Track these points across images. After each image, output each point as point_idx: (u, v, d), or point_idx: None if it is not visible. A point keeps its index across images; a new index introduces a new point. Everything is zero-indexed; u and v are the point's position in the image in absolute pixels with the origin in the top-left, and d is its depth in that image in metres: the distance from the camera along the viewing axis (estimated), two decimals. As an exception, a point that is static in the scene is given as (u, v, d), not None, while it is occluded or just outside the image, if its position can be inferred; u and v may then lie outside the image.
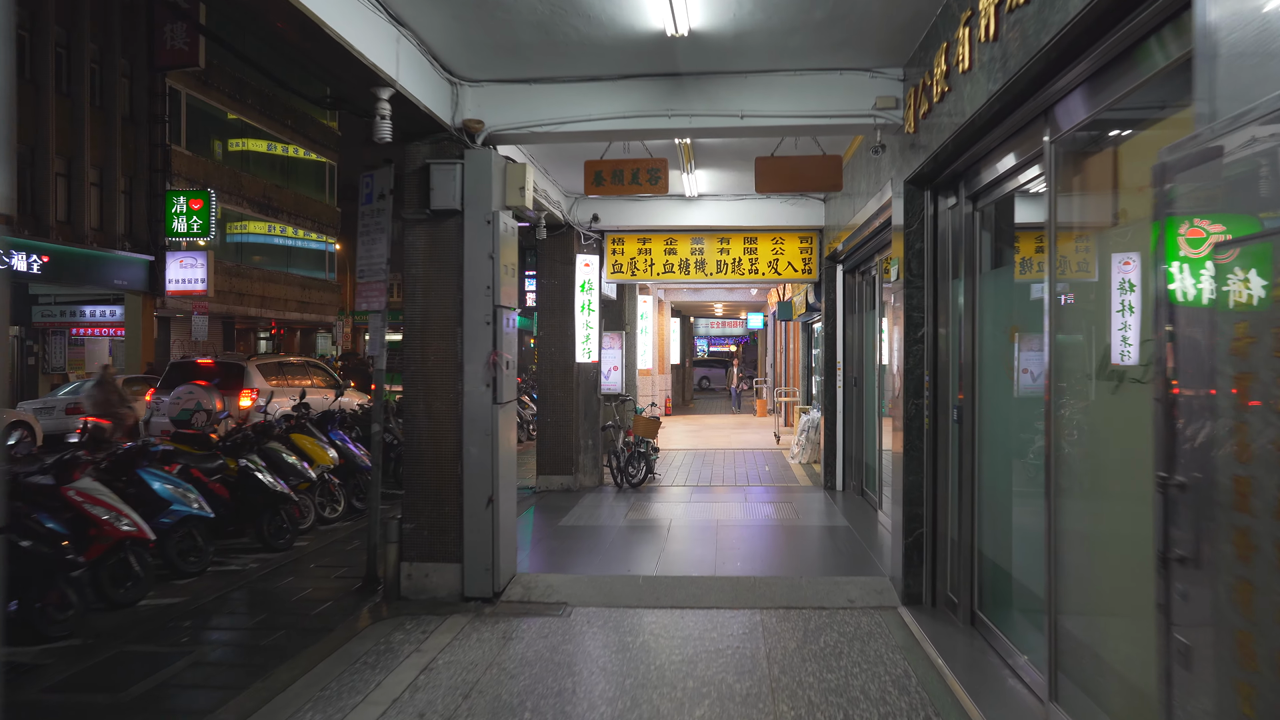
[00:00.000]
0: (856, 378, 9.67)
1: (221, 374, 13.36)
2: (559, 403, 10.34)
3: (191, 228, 22.70)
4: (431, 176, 5.87)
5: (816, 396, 14.14)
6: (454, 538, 5.92)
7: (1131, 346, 3.22)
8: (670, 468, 12.39)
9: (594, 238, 10.60)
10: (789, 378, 18.59)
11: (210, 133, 25.96)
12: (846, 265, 9.90)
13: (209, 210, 22.61)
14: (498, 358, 5.87)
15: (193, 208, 22.68)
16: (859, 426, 9.65)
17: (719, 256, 10.62)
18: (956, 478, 5.34)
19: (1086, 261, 3.78)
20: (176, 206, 22.64)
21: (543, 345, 10.45)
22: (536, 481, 10.41)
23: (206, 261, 22.95)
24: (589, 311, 10.42)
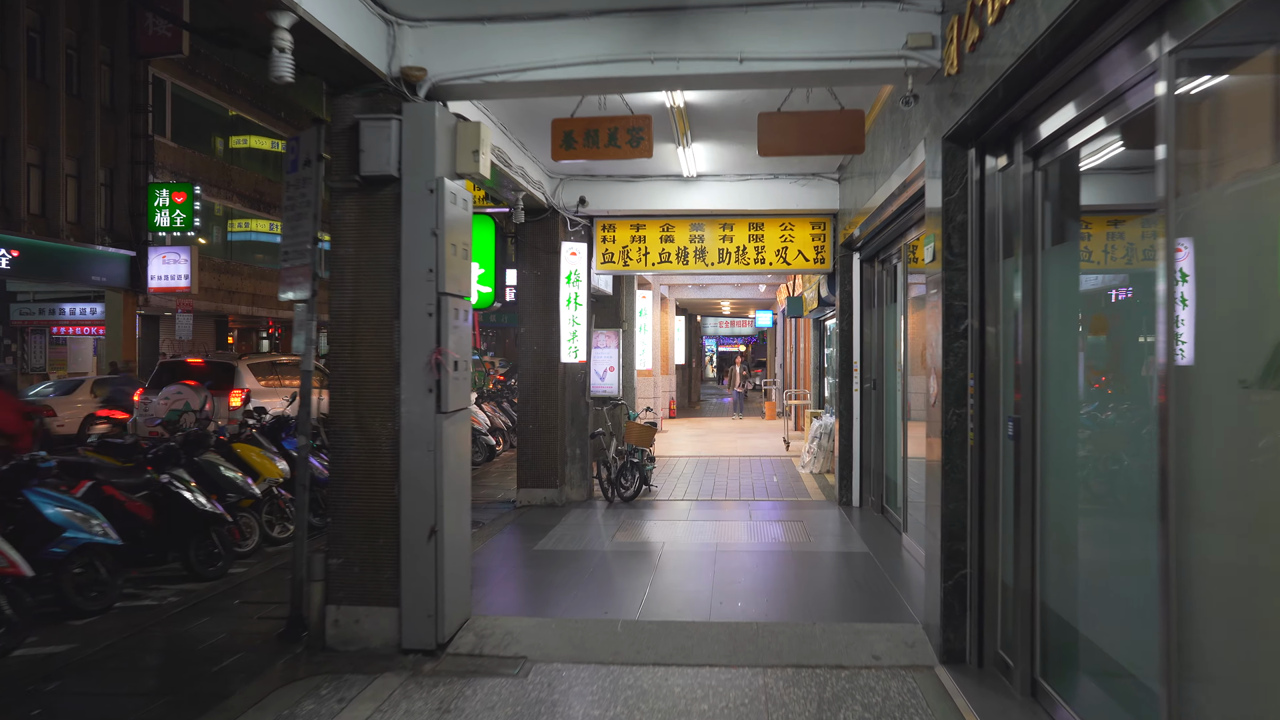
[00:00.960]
0: (875, 380, 8.56)
1: (212, 374, 13.00)
2: (542, 407, 9.27)
3: (174, 222, 21.76)
4: (361, 135, 4.81)
5: (829, 400, 13.03)
6: (390, 576, 4.85)
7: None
8: (670, 478, 11.30)
9: (581, 224, 9.53)
10: (799, 379, 17.47)
11: (197, 124, 25.00)
12: (864, 253, 8.79)
13: (193, 204, 21.67)
14: (441, 357, 4.80)
15: (176, 201, 21.74)
16: (878, 435, 8.54)
17: (721, 244, 9.53)
18: (1012, 507, 4.23)
19: (1229, 225, 2.67)
20: (158, 200, 21.70)
21: (524, 344, 9.38)
22: (517, 495, 9.35)
23: (190, 257, 22.00)
24: (576, 306, 9.35)
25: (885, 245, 8.06)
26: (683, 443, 15.96)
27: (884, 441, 8.41)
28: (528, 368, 9.34)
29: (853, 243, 8.84)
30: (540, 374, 9.29)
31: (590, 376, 13.62)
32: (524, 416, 9.34)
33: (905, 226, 7.01)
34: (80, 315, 22.57)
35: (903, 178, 5.75)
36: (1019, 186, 4.18)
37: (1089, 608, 3.71)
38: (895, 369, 7.95)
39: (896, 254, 7.84)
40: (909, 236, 7.09)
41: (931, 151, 4.82)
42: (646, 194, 9.24)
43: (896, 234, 7.43)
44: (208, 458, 7.27)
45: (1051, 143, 3.92)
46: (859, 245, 8.85)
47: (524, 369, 9.36)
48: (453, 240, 4.96)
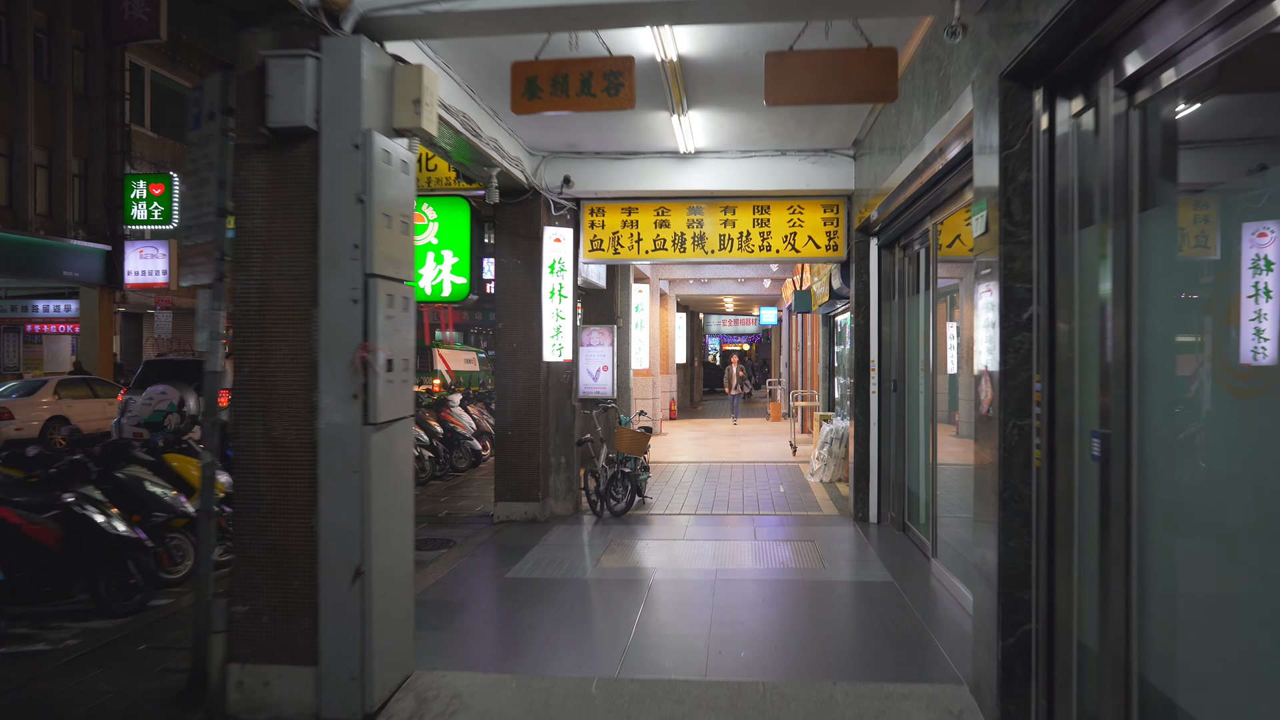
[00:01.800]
0: (896, 381, 7.58)
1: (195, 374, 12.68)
2: (522, 411, 8.30)
3: (152, 215, 20.78)
4: (269, 77, 3.85)
5: (839, 402, 12.05)
6: (306, 628, 3.89)
7: None
8: (667, 487, 10.33)
9: (567, 207, 8.56)
10: (806, 379, 16.48)
11: (180, 113, 24.05)
12: (883, 238, 7.81)
13: (172, 196, 20.72)
14: (368, 355, 3.84)
15: (154, 193, 20.76)
16: (899, 442, 7.56)
17: (722, 230, 8.55)
18: (1095, 548, 3.26)
19: None
20: (135, 191, 20.73)
21: (502, 340, 8.42)
22: (495, 509, 8.38)
23: (169, 252, 21.06)
24: (560, 298, 8.38)
25: (908, 228, 7.08)
26: (683, 446, 14.99)
27: (906, 450, 7.44)
28: (506, 367, 8.38)
29: (870, 227, 7.87)
30: (520, 374, 8.33)
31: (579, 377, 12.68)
32: (502, 422, 8.38)
33: (934, 204, 6.03)
34: (55, 313, 21.70)
35: (938, 139, 4.77)
36: (1107, 133, 3.20)
37: (1212, 689, 2.74)
38: (920, 369, 6.98)
39: (921, 238, 6.86)
40: (939, 216, 6.11)
41: (982, 96, 3.85)
42: (639, 173, 8.27)
43: (922, 214, 6.45)
44: (131, 471, 6.31)
45: (1155, 72, 2.94)
46: (877, 229, 7.87)
47: (502, 368, 8.40)
48: (386, 210, 4.00)
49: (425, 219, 8.42)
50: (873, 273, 8.00)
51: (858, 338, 8.06)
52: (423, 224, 8.41)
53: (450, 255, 8.34)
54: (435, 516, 8.98)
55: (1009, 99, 3.64)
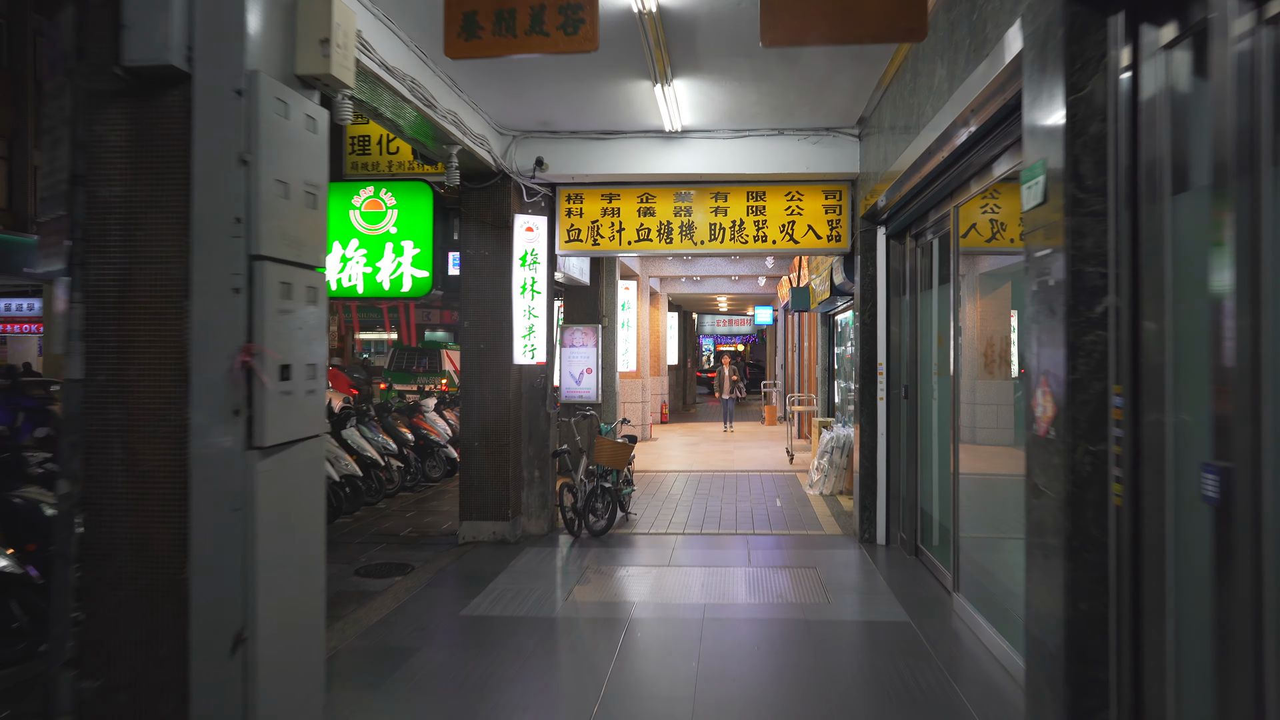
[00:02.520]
0: (907, 386, 6.75)
1: None
2: (490, 420, 7.46)
3: (120, 209, 19.87)
4: (123, 1, 3.00)
5: (840, 407, 11.24)
6: (174, 708, 3.04)
7: None
8: (654, 500, 9.49)
9: (540, 193, 7.72)
10: (803, 382, 15.67)
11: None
12: (892, 226, 6.98)
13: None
14: (253, 359, 2.99)
15: (121, 187, 19.85)
16: (911, 455, 6.74)
17: (713, 219, 7.71)
18: (1208, 620, 2.44)
19: None
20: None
21: (466, 340, 7.57)
22: (460, 529, 7.53)
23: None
24: (533, 294, 7.54)
25: (921, 214, 6.26)
26: (674, 453, 14.16)
27: (920, 464, 6.61)
28: (472, 370, 7.53)
29: (877, 214, 7.05)
30: (488, 378, 7.48)
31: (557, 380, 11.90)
32: (467, 431, 7.52)
33: (957, 183, 5.21)
34: (19, 311, 20.76)
35: (968, 99, 3.94)
36: (1222, 61, 2.37)
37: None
38: (935, 372, 6.16)
39: (937, 225, 6.05)
40: (960, 198, 5.29)
41: (1038, 30, 3.02)
42: (620, 155, 7.43)
43: (940, 196, 5.63)
44: (27, 493, 5.45)
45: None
46: (884, 217, 7.05)
47: (467, 372, 7.56)
48: (282, 175, 3.15)
49: (383, 206, 7.57)
50: (880, 265, 7.17)
51: (863, 338, 7.23)
52: (380, 211, 7.57)
53: (410, 246, 7.49)
54: (397, 536, 8.12)
55: (1076, 29, 2.81)
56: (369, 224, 7.58)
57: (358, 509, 9.35)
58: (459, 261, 7.68)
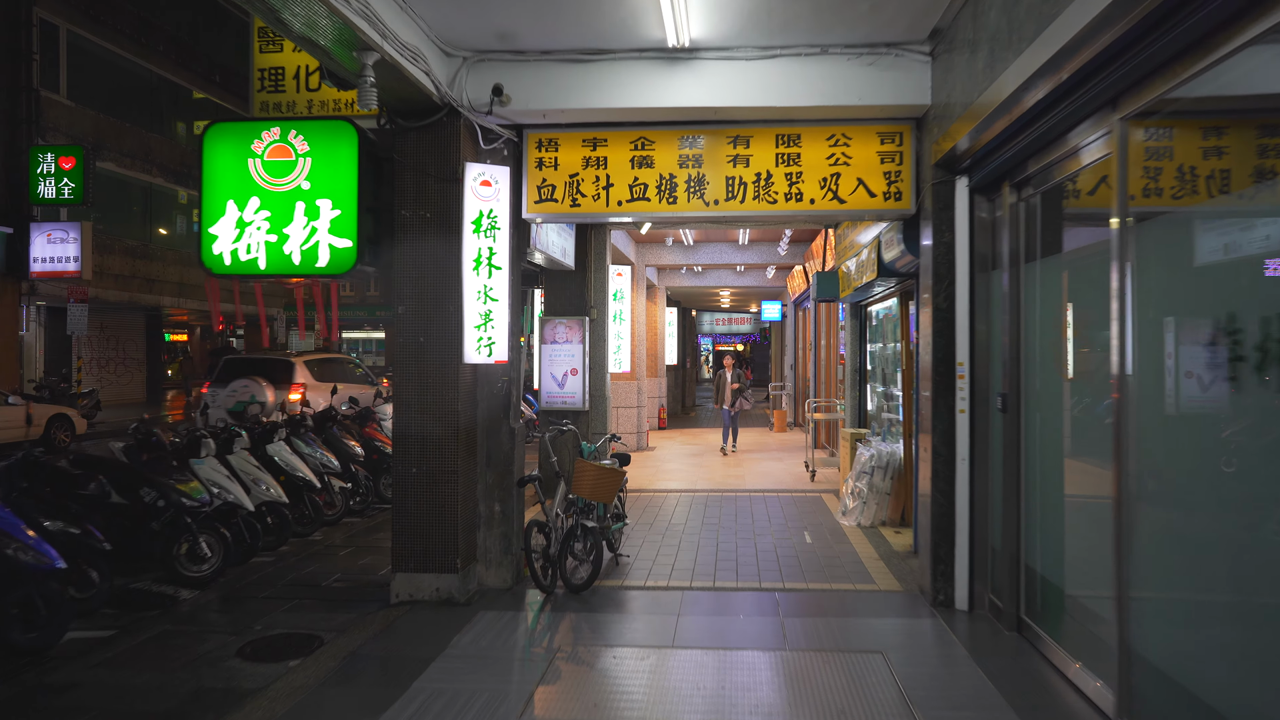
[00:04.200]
0: (1005, 395, 4.85)
1: (271, 369, 14.35)
2: (432, 438, 5.57)
3: (61, 193, 17.97)
4: None
5: (875, 416, 9.35)
6: None
7: None
8: (651, 531, 7.60)
9: (502, 136, 5.83)
10: (822, 385, 13.79)
11: (105, 81, 21.23)
12: (980, 176, 5.09)
13: (84, 171, 17.89)
14: None
15: (63, 167, 17.93)
16: (1011, 489, 4.84)
17: (731, 170, 5.82)
18: None
19: None
20: (42, 165, 17.91)
21: (401, 332, 5.68)
22: (393, 585, 5.63)
23: (81, 235, 18.24)
24: (490, 269, 5.64)
25: (1036, 150, 4.38)
26: (674, 466, 12.26)
27: (1027, 503, 4.73)
28: (408, 372, 5.64)
29: (955, 161, 5.17)
30: (429, 383, 5.59)
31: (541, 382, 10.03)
32: (402, 453, 5.62)
33: (1125, 84, 3.33)
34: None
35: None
36: None
37: None
38: (1060, 376, 4.29)
39: (1063, 163, 4.18)
40: (1129, 105, 3.40)
41: None
42: (608, 83, 5.55)
43: (1080, 115, 3.76)
44: None
45: None
46: (967, 164, 5.17)
47: (402, 374, 5.66)
48: None
49: (293, 153, 5.67)
50: (960, 230, 5.28)
51: (936, 329, 5.34)
52: (289, 160, 5.67)
53: (328, 207, 5.59)
54: (318, 586, 6.23)
55: None
56: (274, 177, 5.68)
57: (284, 543, 7.46)
58: (393, 227, 5.78)
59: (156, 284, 23.03)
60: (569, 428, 6.36)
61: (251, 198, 5.66)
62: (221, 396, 13.63)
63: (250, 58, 6.47)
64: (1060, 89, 3.58)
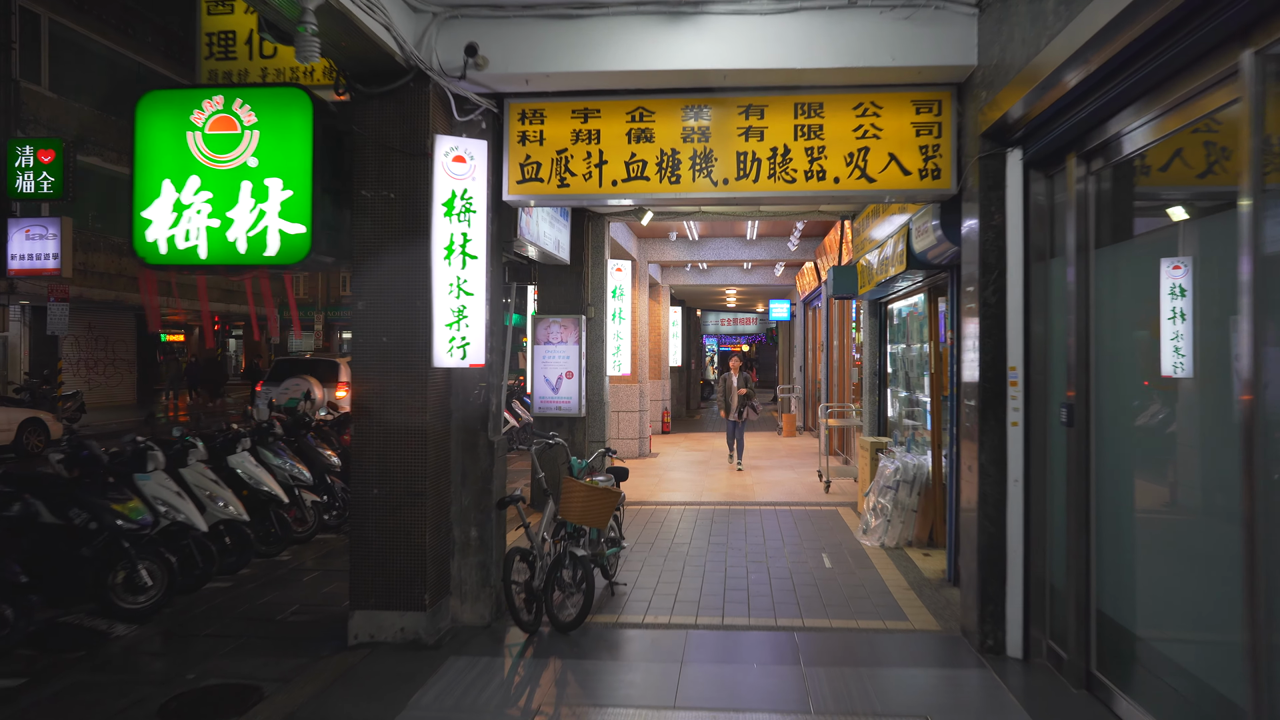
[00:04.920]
0: (1070, 406, 4.05)
1: (319, 369, 15.91)
2: (397, 452, 4.81)
3: (40, 187, 17.24)
4: None
5: (896, 424, 8.59)
6: None
7: None
8: (652, 552, 6.84)
9: (479, 107, 5.07)
10: (835, 388, 13.01)
11: (88, 71, 20.52)
12: (1036, 148, 4.31)
13: (64, 164, 17.16)
14: None
15: (42, 160, 17.21)
16: (1079, 518, 4.06)
17: (743, 144, 5.06)
18: None
19: None
20: (20, 159, 17.19)
21: (360, 330, 4.93)
22: (351, 624, 4.86)
23: (61, 231, 17.54)
24: (465, 259, 4.88)
25: (1113, 113, 3.61)
26: (677, 475, 11.49)
27: (1097, 534, 3.94)
28: (368, 376, 4.88)
29: (1008, 131, 4.40)
30: (391, 390, 4.83)
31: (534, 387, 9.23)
32: (361, 471, 4.86)
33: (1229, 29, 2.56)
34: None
35: None
36: None
37: None
38: (1140, 381, 3.52)
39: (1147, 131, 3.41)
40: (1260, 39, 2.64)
41: None
42: (601, 43, 4.78)
43: (1178, 65, 2.99)
44: None
45: None
46: (1022, 134, 4.39)
47: (362, 379, 4.90)
48: None
49: (238, 125, 4.92)
50: (1012, 212, 4.51)
51: (984, 329, 4.56)
52: (234, 134, 4.92)
53: (279, 187, 4.83)
54: (273, 620, 5.47)
55: None
56: (216, 153, 4.93)
57: (245, 564, 6.72)
58: (350, 212, 5.02)
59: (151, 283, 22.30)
60: (557, 441, 5.59)
61: (190, 177, 4.91)
62: (275, 394, 14.62)
63: (197, 20, 5.72)
64: (1172, 17, 2.80)
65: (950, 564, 6.04)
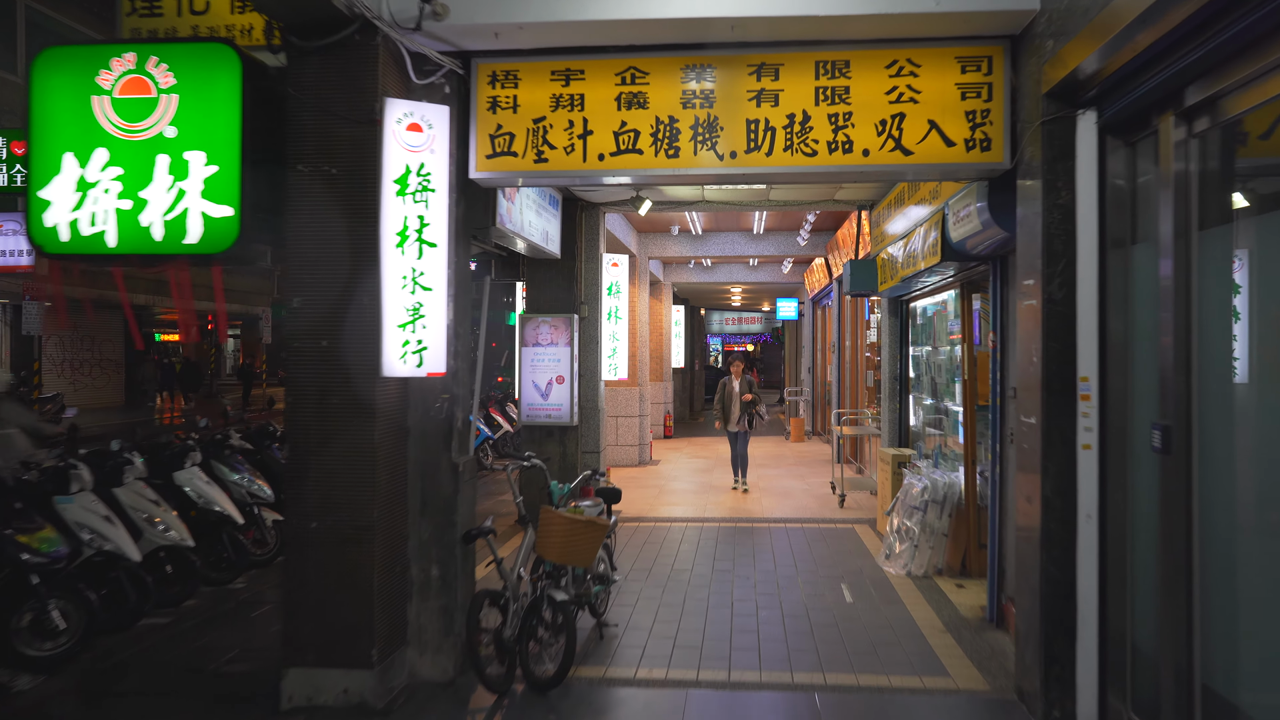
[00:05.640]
0: (1166, 426, 3.24)
1: None
2: (340, 478, 4.01)
3: (14, 180, 16.48)
4: None
5: (920, 434, 7.78)
6: None
7: None
8: (649, 581, 6.04)
9: (441, 68, 4.27)
10: (851, 393, 12.20)
11: (68, 62, 19.73)
12: (1119, 110, 3.49)
13: (39, 156, 16.40)
14: None
15: (15, 152, 16.46)
16: (1175, 563, 3.24)
17: (754, 110, 4.25)
18: None
19: None
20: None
21: (295, 333, 4.13)
22: (285, 683, 4.07)
23: (36, 227, 16.77)
24: (422, 247, 4.08)
25: (1230, 55, 2.80)
26: (680, 486, 10.69)
27: (1202, 588, 3.13)
28: (305, 386, 4.08)
29: (1080, 87, 3.59)
30: (333, 402, 4.04)
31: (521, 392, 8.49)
32: (297, 501, 4.06)
33: None
34: None
35: None
36: None
37: None
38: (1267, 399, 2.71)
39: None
40: None
41: None
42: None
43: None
44: None
45: None
46: (1096, 91, 3.58)
47: (297, 389, 4.10)
48: None
49: (153, 89, 4.13)
50: (1084, 187, 3.69)
51: (1047, 330, 3.75)
52: (149, 98, 4.14)
53: (201, 162, 4.05)
54: (202, 671, 4.68)
55: None
56: (128, 121, 4.16)
57: (190, 595, 5.94)
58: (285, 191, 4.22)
59: (128, 279, 21.57)
60: (534, 462, 4.76)
61: (96, 149, 4.14)
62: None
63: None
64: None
65: (992, 601, 5.24)
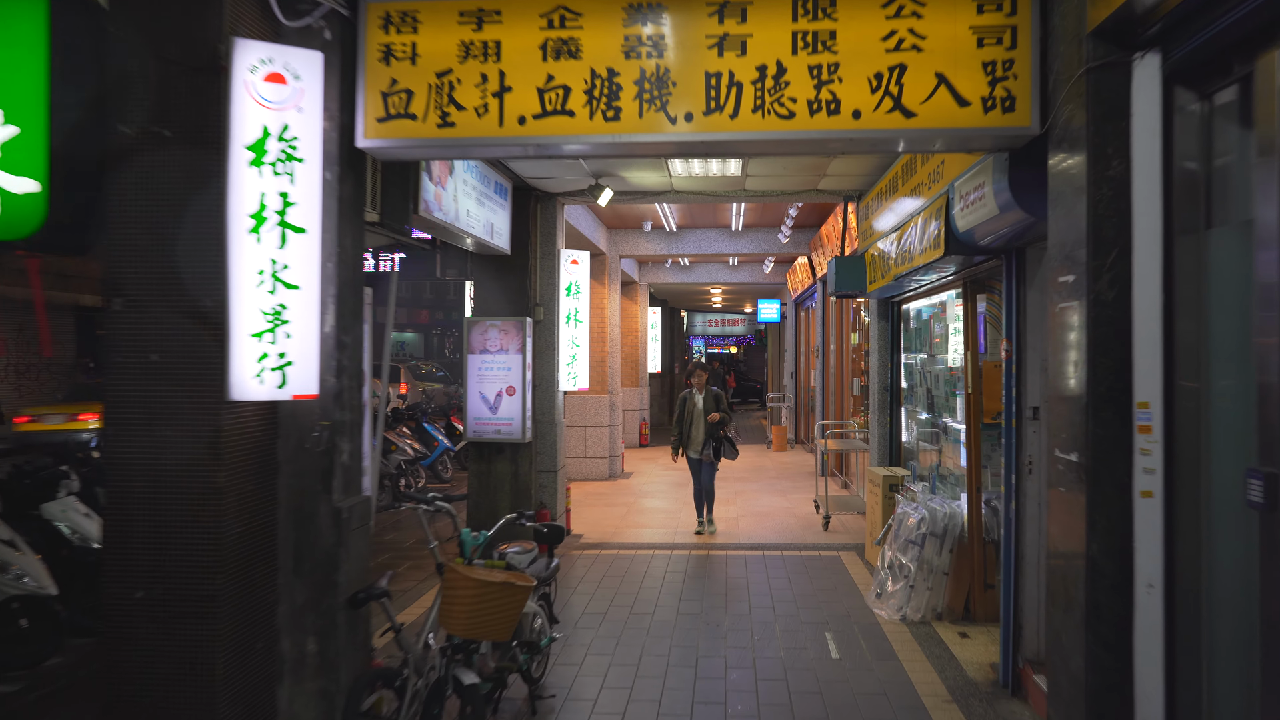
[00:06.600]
0: (1270, 475, 2.37)
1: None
2: (176, 534, 3.08)
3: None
4: None
5: (912, 452, 6.93)
6: None
7: None
8: (602, 628, 5.12)
9: (319, 4, 3.35)
10: (836, 402, 11.33)
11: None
12: (1188, 51, 2.63)
13: None
14: None
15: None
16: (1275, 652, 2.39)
17: (715, 61, 3.36)
18: None
19: None
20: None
21: (116, 345, 3.19)
22: (105, 798, 3.14)
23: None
24: (284, 229, 3.16)
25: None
26: (652, 503, 9.79)
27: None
28: (129, 414, 3.15)
29: (1137, 24, 2.73)
30: (166, 434, 3.11)
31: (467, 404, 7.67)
32: (118, 563, 3.13)
33: None
34: None
35: None
36: None
37: None
38: None
39: None
40: None
41: None
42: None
43: None
44: None
45: None
46: (1159, 29, 2.71)
47: (119, 414, 3.17)
48: None
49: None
50: (1143, 155, 2.83)
51: (1093, 339, 2.88)
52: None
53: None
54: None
55: None
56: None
57: (53, 653, 4.97)
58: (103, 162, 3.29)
59: (74, 280, 20.40)
60: (443, 505, 3.80)
61: None
62: None
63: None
64: None
65: (1006, 662, 4.37)
